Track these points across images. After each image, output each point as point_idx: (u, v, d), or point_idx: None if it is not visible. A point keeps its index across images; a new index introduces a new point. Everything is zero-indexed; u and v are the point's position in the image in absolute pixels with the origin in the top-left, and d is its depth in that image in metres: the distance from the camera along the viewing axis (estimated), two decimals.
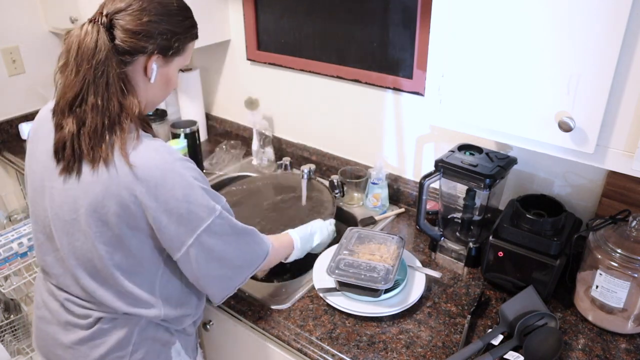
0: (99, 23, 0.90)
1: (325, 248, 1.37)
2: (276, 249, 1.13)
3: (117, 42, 0.91)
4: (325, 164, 1.80)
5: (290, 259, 1.24)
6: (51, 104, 1.00)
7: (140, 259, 0.97)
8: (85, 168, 0.92)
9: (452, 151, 1.33)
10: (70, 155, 0.92)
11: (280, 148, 1.92)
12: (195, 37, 1.06)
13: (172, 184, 0.91)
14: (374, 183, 1.56)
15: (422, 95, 1.46)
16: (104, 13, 0.91)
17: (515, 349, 1.08)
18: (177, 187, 0.91)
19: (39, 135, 1.02)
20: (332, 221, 1.41)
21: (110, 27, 0.91)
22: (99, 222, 0.93)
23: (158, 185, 0.90)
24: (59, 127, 0.94)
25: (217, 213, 0.95)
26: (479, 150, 1.33)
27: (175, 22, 0.98)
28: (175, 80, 1.05)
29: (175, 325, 1.08)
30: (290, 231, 1.27)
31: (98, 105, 0.90)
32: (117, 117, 0.91)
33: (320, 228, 1.34)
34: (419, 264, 1.32)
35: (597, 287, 1.11)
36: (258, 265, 1.06)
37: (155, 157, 0.92)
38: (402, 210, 1.60)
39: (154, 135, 1.00)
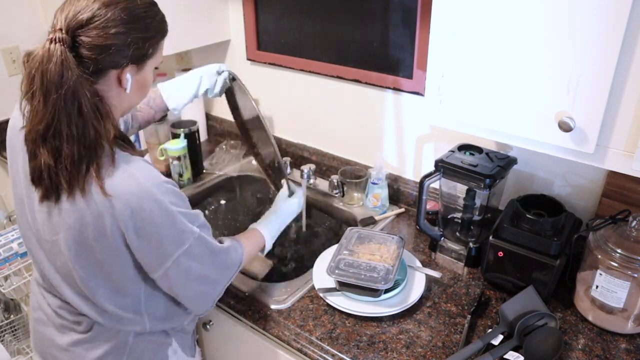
0: (61, 42, 0.81)
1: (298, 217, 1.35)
2: (249, 251, 1.13)
3: (84, 60, 0.83)
4: (325, 164, 1.80)
5: (266, 251, 1.24)
6: (17, 112, 0.93)
7: (122, 282, 0.96)
8: (63, 197, 0.89)
9: (452, 151, 1.33)
10: (48, 185, 0.88)
11: (281, 148, 1.92)
12: (166, 32, 0.96)
13: (150, 210, 0.87)
14: (374, 183, 1.56)
15: (422, 95, 1.46)
16: (64, 29, 0.82)
17: (515, 349, 1.08)
18: (155, 214, 0.88)
19: (16, 149, 0.99)
20: (290, 186, 1.32)
21: (74, 45, 0.82)
22: (78, 247, 0.91)
23: (134, 213, 0.86)
24: (32, 155, 0.88)
25: (196, 236, 0.94)
26: (479, 150, 1.33)
27: (145, 26, 0.89)
28: (150, 81, 0.98)
29: (173, 326, 1.08)
30: (256, 225, 1.24)
31: (74, 135, 0.83)
32: (93, 144, 0.85)
33: (285, 209, 1.29)
34: (419, 264, 1.32)
35: (597, 287, 1.11)
36: (234, 273, 1.06)
37: (131, 183, 0.87)
38: (402, 210, 1.60)
39: (133, 151, 0.94)
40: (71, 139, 0.84)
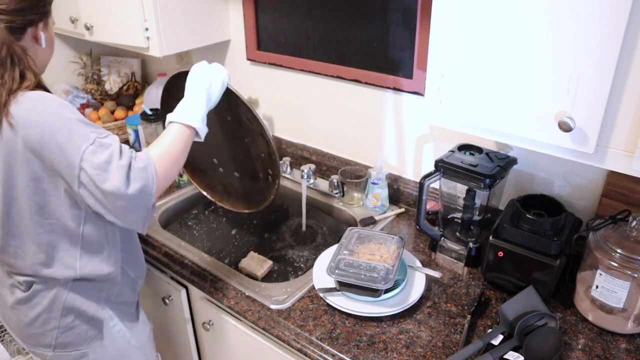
0: None
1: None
2: (159, 155, 1.02)
3: (7, 23, 1.00)
4: (325, 164, 1.80)
5: (203, 134, 1.11)
6: None
7: (56, 214, 1.05)
8: None
9: (452, 151, 1.33)
10: None
11: (280, 148, 1.92)
12: None
13: (45, 121, 0.97)
14: (374, 183, 1.56)
15: (422, 95, 1.46)
16: None
17: (515, 349, 1.08)
18: (51, 122, 0.97)
19: None
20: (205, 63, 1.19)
21: None
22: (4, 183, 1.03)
23: (33, 126, 0.96)
24: None
25: (91, 141, 0.97)
26: (479, 150, 1.33)
27: None
28: (54, 38, 1.15)
29: (107, 290, 1.16)
30: (170, 117, 1.09)
31: (5, 82, 0.99)
32: (17, 88, 0.99)
33: (202, 77, 1.14)
34: (419, 264, 1.32)
35: (597, 287, 1.11)
36: (150, 192, 0.98)
37: (30, 103, 0.98)
38: (402, 210, 1.60)
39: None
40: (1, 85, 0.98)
